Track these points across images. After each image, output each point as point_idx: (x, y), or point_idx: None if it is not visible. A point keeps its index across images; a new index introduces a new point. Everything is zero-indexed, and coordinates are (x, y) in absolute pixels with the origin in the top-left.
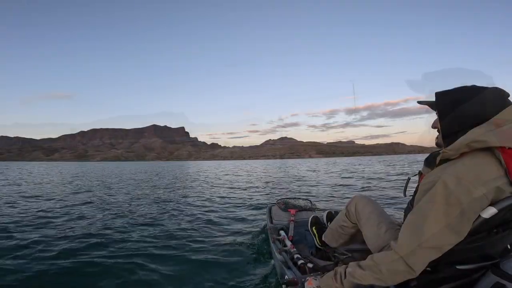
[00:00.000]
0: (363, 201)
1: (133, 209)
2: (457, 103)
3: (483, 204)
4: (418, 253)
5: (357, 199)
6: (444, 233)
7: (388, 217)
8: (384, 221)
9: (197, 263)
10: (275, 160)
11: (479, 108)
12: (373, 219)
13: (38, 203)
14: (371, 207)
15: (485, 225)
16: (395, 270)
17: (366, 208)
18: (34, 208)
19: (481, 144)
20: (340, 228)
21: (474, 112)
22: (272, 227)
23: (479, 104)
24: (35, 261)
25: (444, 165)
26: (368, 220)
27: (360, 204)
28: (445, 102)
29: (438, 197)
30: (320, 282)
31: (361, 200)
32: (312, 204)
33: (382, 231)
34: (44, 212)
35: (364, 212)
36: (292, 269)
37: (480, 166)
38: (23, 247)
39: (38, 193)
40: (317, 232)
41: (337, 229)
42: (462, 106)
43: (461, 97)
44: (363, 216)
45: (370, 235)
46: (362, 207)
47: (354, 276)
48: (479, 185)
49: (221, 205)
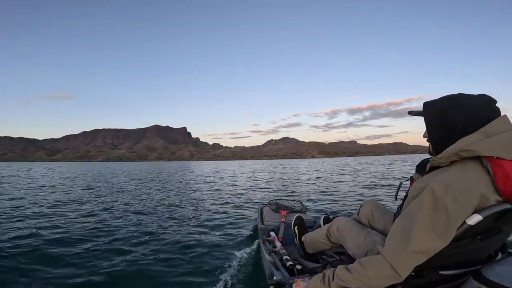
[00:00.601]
0: (342, 222)
1: (126, 209)
2: (442, 113)
3: (468, 211)
4: (405, 257)
5: (337, 221)
6: (430, 239)
7: (366, 228)
8: (362, 231)
9: (185, 262)
10: (278, 160)
11: (464, 117)
12: (353, 232)
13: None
14: (351, 224)
15: (470, 231)
16: (381, 275)
17: (346, 226)
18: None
19: (469, 153)
20: (319, 243)
21: (460, 121)
22: (262, 228)
23: (464, 113)
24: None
25: (433, 173)
26: (348, 234)
27: (341, 224)
28: (431, 113)
29: (425, 203)
30: (308, 284)
31: (342, 221)
32: (303, 206)
33: (361, 239)
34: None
35: (344, 229)
36: (281, 270)
37: (468, 174)
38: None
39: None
40: (298, 232)
41: (316, 241)
42: (447, 116)
43: (446, 107)
44: (344, 232)
45: (352, 245)
46: (343, 227)
47: (342, 279)
48: (466, 193)
49: (212, 205)
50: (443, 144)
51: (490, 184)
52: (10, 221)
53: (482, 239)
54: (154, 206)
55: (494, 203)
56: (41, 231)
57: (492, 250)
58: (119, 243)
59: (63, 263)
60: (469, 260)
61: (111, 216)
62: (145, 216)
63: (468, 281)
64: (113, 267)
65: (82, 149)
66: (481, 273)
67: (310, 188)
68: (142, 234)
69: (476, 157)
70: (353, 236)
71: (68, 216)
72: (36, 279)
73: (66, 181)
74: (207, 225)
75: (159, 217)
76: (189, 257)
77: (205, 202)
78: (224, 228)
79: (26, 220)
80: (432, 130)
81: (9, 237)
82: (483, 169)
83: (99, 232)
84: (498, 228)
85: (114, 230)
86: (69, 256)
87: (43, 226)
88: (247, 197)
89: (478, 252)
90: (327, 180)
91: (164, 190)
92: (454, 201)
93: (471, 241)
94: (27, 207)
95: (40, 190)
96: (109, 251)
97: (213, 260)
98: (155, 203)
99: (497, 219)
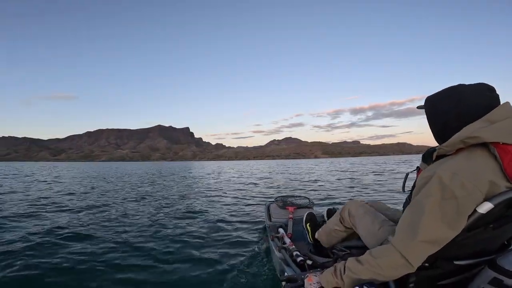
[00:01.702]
0: (355, 205)
1: (131, 207)
2: (437, 103)
3: (478, 198)
4: (415, 247)
5: (349, 204)
6: (439, 227)
7: (381, 215)
8: (377, 219)
9: (196, 261)
10: (282, 160)
11: (458, 107)
12: (367, 219)
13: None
14: (364, 210)
15: (481, 220)
16: (393, 264)
17: (359, 211)
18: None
19: (475, 139)
20: (333, 232)
21: (453, 111)
22: (270, 225)
23: (458, 103)
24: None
25: (440, 161)
26: (361, 221)
27: (353, 208)
28: (428, 105)
29: (433, 192)
30: (320, 278)
31: (354, 204)
32: (310, 202)
33: (376, 228)
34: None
35: (357, 215)
36: (292, 266)
37: (475, 161)
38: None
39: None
40: (311, 229)
41: (330, 232)
42: (441, 106)
43: (440, 97)
44: (357, 218)
45: (365, 233)
46: (355, 211)
47: (353, 271)
48: (474, 180)
49: (220, 204)
50: (442, 134)
51: (498, 170)
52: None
53: (495, 227)
54: (161, 206)
55: (504, 189)
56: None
57: (505, 238)
58: (134, 237)
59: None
60: (482, 249)
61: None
62: (153, 214)
63: (483, 271)
64: (123, 260)
65: (86, 149)
66: (496, 262)
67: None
68: (150, 231)
69: (483, 144)
70: (366, 224)
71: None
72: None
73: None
74: (215, 224)
75: (166, 216)
76: (199, 257)
77: (212, 202)
78: (232, 227)
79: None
80: (430, 121)
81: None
82: (490, 155)
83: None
84: (511, 216)
85: (130, 224)
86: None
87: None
88: (253, 195)
89: (491, 241)
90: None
91: (171, 191)
92: (462, 188)
93: (484, 230)
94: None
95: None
96: (123, 243)
97: (222, 259)
98: (165, 202)
99: (509, 206)
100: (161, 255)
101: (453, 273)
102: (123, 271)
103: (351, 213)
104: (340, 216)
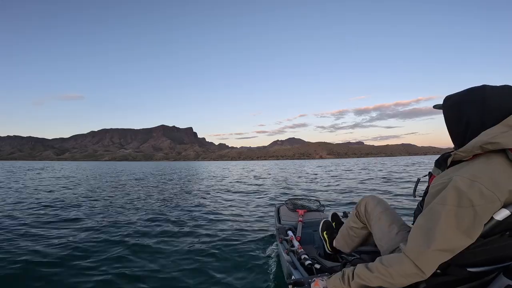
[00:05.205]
0: (373, 201)
1: (144, 206)
2: (458, 105)
3: (496, 206)
4: (429, 255)
5: (367, 199)
6: (455, 236)
7: (400, 219)
8: (396, 222)
9: (204, 262)
10: (287, 161)
11: (482, 110)
12: (384, 220)
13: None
14: (382, 207)
15: (498, 227)
16: (404, 273)
17: (376, 208)
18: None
19: (495, 145)
20: (351, 230)
21: (476, 114)
22: (280, 227)
23: (481, 106)
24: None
25: (456, 167)
26: (378, 220)
27: (370, 204)
28: (447, 106)
29: (449, 199)
30: (327, 283)
31: (371, 200)
32: (321, 205)
33: (393, 232)
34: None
35: (374, 212)
36: (299, 269)
37: (494, 167)
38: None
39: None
40: (328, 237)
41: (348, 232)
42: (463, 109)
43: (463, 99)
44: (373, 216)
45: (381, 235)
46: (373, 207)
47: (362, 278)
48: (493, 188)
49: (229, 205)
50: (462, 137)
51: None
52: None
53: (511, 235)
54: (169, 206)
55: None
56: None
57: None
58: (139, 237)
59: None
60: (497, 256)
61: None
62: (165, 212)
63: (498, 278)
64: (132, 262)
65: (90, 148)
66: (511, 269)
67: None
68: (158, 231)
69: (501, 150)
70: (383, 225)
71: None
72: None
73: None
74: (224, 226)
75: (176, 214)
76: (206, 256)
77: (220, 203)
78: (241, 229)
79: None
80: (449, 123)
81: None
82: (508, 162)
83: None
84: None
85: (137, 224)
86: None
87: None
88: (261, 197)
89: (507, 249)
90: None
91: (176, 191)
92: (481, 196)
93: (500, 238)
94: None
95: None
96: (136, 245)
97: (230, 260)
98: (171, 202)
99: None
100: (168, 255)
101: (466, 280)
102: (130, 269)
103: (368, 209)
104: (356, 210)
